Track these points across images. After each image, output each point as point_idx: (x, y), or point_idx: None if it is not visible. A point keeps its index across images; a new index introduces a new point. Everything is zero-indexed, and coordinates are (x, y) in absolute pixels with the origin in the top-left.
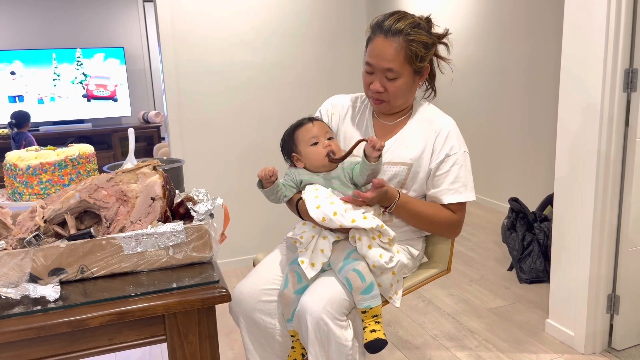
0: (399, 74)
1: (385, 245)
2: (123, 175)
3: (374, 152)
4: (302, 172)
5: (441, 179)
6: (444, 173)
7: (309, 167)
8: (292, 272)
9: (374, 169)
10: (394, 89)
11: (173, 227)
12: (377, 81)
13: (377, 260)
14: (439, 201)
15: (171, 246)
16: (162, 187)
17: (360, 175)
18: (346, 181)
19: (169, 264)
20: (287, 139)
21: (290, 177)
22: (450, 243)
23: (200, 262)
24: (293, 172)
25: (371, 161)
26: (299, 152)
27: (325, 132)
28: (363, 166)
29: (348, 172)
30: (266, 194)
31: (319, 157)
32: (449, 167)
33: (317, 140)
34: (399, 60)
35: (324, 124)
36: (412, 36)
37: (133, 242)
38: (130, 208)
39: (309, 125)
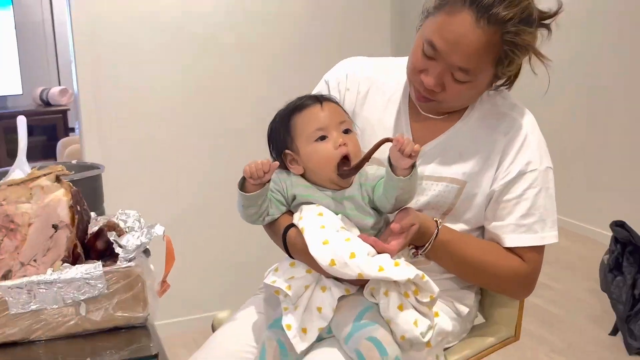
0: (474, 77)
1: (423, 306)
2: (9, 191)
3: (402, 160)
4: (297, 182)
5: (508, 209)
6: (513, 199)
7: (311, 176)
8: (272, 342)
9: (405, 188)
10: (456, 91)
11: (87, 272)
12: (434, 74)
13: (410, 330)
14: (501, 242)
15: (84, 301)
16: (70, 208)
17: (385, 197)
18: (365, 204)
19: (80, 329)
20: (278, 125)
21: (277, 187)
22: None
23: (129, 326)
24: (283, 179)
25: (399, 174)
26: (296, 149)
27: (340, 121)
28: (388, 182)
29: (368, 191)
30: (246, 202)
31: (328, 162)
32: (522, 191)
33: (326, 134)
34: (483, 60)
35: (338, 107)
36: (517, 36)
37: (24, 295)
38: (19, 241)
39: (315, 108)
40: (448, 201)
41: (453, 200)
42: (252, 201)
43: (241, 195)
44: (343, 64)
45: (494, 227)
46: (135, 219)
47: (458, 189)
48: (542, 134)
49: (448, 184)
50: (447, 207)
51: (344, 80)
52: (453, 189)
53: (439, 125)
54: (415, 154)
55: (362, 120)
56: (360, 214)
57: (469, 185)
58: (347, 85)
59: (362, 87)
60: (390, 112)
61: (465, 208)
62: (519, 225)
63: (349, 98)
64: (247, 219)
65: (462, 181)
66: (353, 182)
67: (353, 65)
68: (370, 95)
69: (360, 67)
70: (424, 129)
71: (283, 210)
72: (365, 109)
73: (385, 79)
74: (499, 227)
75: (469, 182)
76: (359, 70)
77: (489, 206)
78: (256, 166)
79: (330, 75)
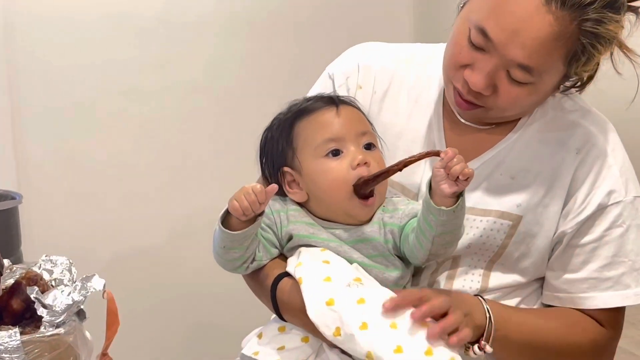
0: (537, 77)
1: None
2: None
3: (446, 184)
4: (296, 217)
5: (585, 256)
6: (591, 243)
7: (316, 205)
8: None
9: (447, 225)
10: (511, 96)
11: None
12: (484, 72)
13: None
14: (576, 302)
15: None
16: None
17: (418, 239)
18: (388, 250)
19: None
20: (277, 134)
21: (268, 221)
22: None
23: None
24: (277, 210)
25: (439, 202)
26: (299, 166)
27: (361, 132)
28: (425, 215)
29: (394, 233)
30: (229, 244)
31: (341, 187)
32: (604, 232)
33: (341, 148)
34: (552, 56)
35: (360, 114)
36: (599, 25)
37: None
38: None
39: (328, 112)
40: (496, 243)
41: (504, 242)
42: (237, 242)
43: (224, 234)
44: (353, 51)
45: (565, 281)
46: (64, 268)
47: (510, 226)
48: (627, 153)
49: (497, 220)
50: (496, 252)
51: (354, 73)
52: (504, 226)
53: (484, 138)
54: (465, 178)
55: (378, 127)
56: (380, 264)
57: (525, 222)
58: (358, 81)
59: (380, 84)
60: (418, 118)
61: (521, 253)
62: (602, 280)
63: (361, 98)
64: (227, 265)
65: (516, 216)
66: (373, 218)
67: (366, 53)
68: (391, 95)
69: (376, 55)
70: (465, 142)
71: (274, 254)
72: (383, 113)
73: (410, 73)
74: (573, 283)
75: (525, 218)
76: (375, 60)
77: (556, 252)
78: (250, 200)
79: (335, 67)
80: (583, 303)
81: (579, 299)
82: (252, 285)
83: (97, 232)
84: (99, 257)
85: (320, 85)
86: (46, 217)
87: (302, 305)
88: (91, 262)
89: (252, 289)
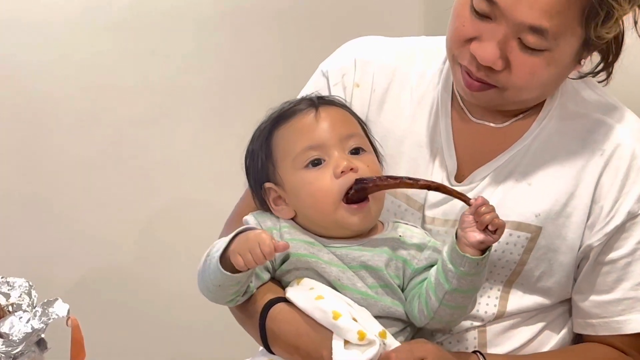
0: (553, 42)
1: None
2: None
3: (473, 233)
4: (292, 232)
5: (617, 274)
6: (624, 258)
7: (305, 221)
8: None
9: (465, 282)
10: (527, 69)
11: None
12: (492, 42)
13: None
14: (612, 327)
15: None
16: None
17: (424, 298)
18: (393, 280)
19: None
20: (256, 147)
21: None
22: None
23: None
24: (269, 228)
25: (464, 250)
26: (280, 180)
27: (345, 135)
28: (444, 265)
29: (405, 269)
30: (227, 282)
31: (325, 200)
32: (636, 244)
33: (323, 156)
34: (566, 13)
35: (345, 113)
36: None
37: None
38: None
39: (306, 116)
40: (514, 259)
41: (522, 258)
42: (236, 281)
43: (223, 275)
44: (349, 46)
45: (596, 304)
46: (23, 292)
47: (529, 239)
48: None
49: (513, 232)
50: (513, 269)
51: (350, 69)
52: (521, 239)
53: (498, 139)
54: (494, 229)
55: (379, 130)
56: (386, 295)
57: (546, 234)
58: (355, 78)
59: (380, 81)
60: (423, 119)
61: (543, 271)
62: (636, 300)
63: (359, 98)
64: (218, 300)
65: (534, 227)
66: (384, 243)
67: (364, 48)
68: (392, 94)
69: (375, 50)
70: (476, 145)
71: (265, 279)
72: (384, 115)
73: (413, 70)
74: (606, 305)
75: (545, 229)
76: (374, 55)
77: (583, 270)
78: (255, 255)
79: (330, 64)
80: (620, 328)
81: (616, 323)
82: (237, 313)
83: (61, 249)
84: (62, 279)
85: (313, 85)
86: (0, 232)
87: (295, 336)
88: (54, 285)
89: (237, 317)
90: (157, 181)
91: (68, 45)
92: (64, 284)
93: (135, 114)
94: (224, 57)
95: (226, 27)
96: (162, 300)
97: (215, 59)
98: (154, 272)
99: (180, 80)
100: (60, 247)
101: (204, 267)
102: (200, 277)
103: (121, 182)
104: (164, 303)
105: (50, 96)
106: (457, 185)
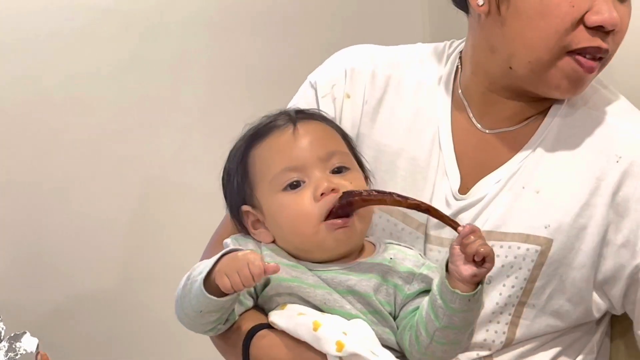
0: None
1: None
2: None
3: (463, 266)
4: (274, 256)
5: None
6: None
7: (287, 245)
8: None
9: (457, 319)
10: (625, 22)
11: None
12: (605, 2)
13: None
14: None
15: None
16: None
17: (414, 333)
18: (382, 307)
19: None
20: (232, 167)
21: None
22: None
23: None
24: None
25: (454, 285)
26: (258, 204)
27: (326, 153)
28: (434, 300)
29: (396, 296)
30: (209, 308)
31: (304, 225)
32: None
33: (302, 177)
34: None
35: (326, 128)
36: None
37: None
38: None
39: (283, 133)
40: (523, 275)
41: (532, 274)
42: (219, 306)
43: (207, 300)
44: (339, 56)
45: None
46: None
47: (539, 252)
48: None
49: (521, 245)
50: (524, 287)
51: (340, 80)
52: (530, 252)
53: (503, 146)
54: (480, 259)
55: (372, 145)
56: (378, 323)
57: (557, 247)
58: (346, 89)
59: (372, 91)
60: (421, 131)
61: (554, 288)
62: None
63: (350, 109)
64: (197, 328)
65: (544, 239)
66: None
67: (355, 57)
68: (386, 105)
69: (366, 59)
70: (480, 153)
71: (248, 305)
72: (378, 127)
73: (409, 78)
74: None
75: (556, 241)
76: (366, 64)
77: (628, 291)
78: (243, 276)
79: (319, 75)
80: None
81: None
82: (218, 342)
83: (30, 275)
84: (31, 309)
85: (300, 97)
86: None
87: None
88: (22, 316)
89: (218, 347)
90: (134, 198)
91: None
92: (33, 315)
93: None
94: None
95: (216, 29)
96: (146, 332)
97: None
98: (136, 300)
99: (165, 86)
100: (30, 273)
101: (183, 292)
102: (178, 303)
103: (96, 202)
104: (147, 335)
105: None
106: (462, 199)
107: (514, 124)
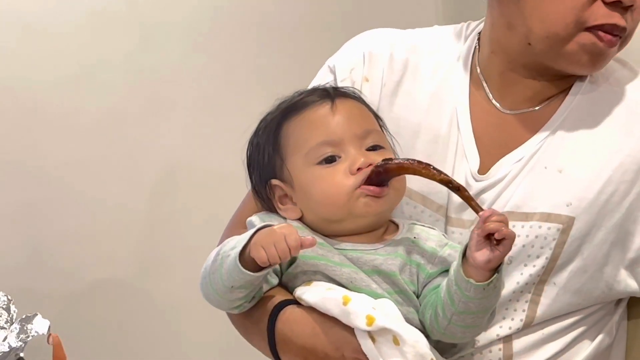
0: None
1: None
2: None
3: (482, 253)
4: (300, 233)
5: None
6: None
7: (315, 222)
8: None
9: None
10: None
11: None
12: None
13: None
14: None
15: None
16: None
17: (434, 312)
18: (408, 287)
19: None
20: (262, 140)
21: None
22: None
23: None
24: None
25: (470, 274)
26: (289, 177)
27: (363, 131)
28: (450, 285)
29: (420, 276)
30: (240, 283)
31: (338, 199)
32: None
33: (338, 153)
34: None
35: (363, 108)
36: None
37: None
38: None
39: (321, 108)
40: (545, 254)
41: (554, 253)
42: (252, 282)
43: (242, 274)
44: (357, 40)
45: None
46: (1, 307)
47: (561, 230)
48: None
49: (542, 224)
50: (546, 267)
51: (359, 64)
52: (551, 231)
53: (523, 125)
54: (500, 238)
55: (391, 126)
56: (403, 303)
57: (579, 225)
58: (364, 72)
59: (390, 75)
60: (439, 112)
61: (577, 266)
62: None
63: (369, 93)
64: (223, 304)
65: (566, 217)
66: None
67: (373, 40)
68: (405, 87)
69: (385, 43)
70: (500, 133)
71: (273, 283)
72: (396, 109)
73: (427, 60)
74: None
75: (579, 219)
76: (384, 47)
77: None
78: (280, 249)
79: (337, 59)
80: None
81: None
82: (241, 320)
83: (42, 260)
84: (43, 293)
85: (319, 81)
86: None
87: (311, 336)
88: (33, 299)
89: (239, 326)
90: (148, 184)
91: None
92: (44, 298)
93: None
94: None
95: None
96: (157, 317)
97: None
98: (148, 284)
99: (174, 75)
100: (42, 258)
101: (212, 267)
102: (206, 279)
103: (110, 187)
104: (158, 319)
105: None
106: (482, 180)
107: (534, 105)
